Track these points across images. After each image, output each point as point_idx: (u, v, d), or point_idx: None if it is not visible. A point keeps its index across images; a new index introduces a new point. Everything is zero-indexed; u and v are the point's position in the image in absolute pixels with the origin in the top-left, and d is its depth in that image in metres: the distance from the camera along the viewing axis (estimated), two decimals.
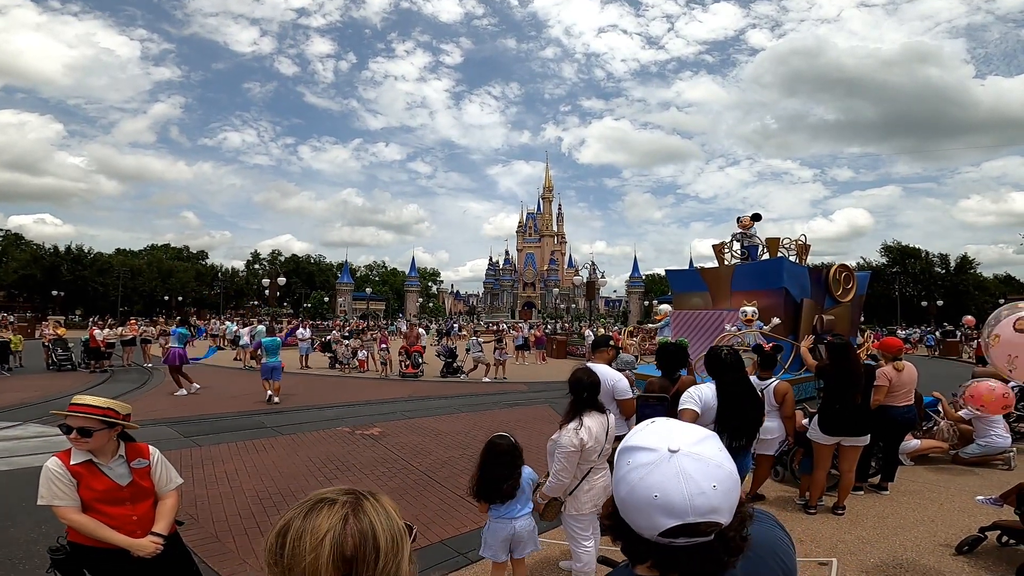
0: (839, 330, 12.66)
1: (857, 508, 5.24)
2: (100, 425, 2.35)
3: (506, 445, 3.24)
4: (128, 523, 2.40)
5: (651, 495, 0.87)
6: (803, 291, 12.14)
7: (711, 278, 13.36)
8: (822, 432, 5.02)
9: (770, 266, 12.65)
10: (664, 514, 0.86)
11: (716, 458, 0.90)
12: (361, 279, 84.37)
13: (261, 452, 7.42)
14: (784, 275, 12.01)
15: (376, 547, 0.83)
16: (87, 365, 16.80)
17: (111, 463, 2.42)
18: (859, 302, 14.12)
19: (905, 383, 5.74)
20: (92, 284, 59.77)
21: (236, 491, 5.72)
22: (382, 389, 14.23)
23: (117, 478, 2.41)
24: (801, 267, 13.19)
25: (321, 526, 0.82)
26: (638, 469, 0.90)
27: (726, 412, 3.78)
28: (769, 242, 13.67)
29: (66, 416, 2.36)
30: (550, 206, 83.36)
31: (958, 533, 4.49)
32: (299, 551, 0.80)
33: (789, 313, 11.96)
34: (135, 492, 2.45)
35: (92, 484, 2.35)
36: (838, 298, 13.07)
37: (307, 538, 0.81)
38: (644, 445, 0.92)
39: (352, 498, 0.88)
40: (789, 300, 11.87)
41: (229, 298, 75.04)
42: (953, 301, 53.86)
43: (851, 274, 13.48)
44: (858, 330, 14.39)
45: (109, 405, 2.41)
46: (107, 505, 2.37)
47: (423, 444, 8.02)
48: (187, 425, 8.96)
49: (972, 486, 5.91)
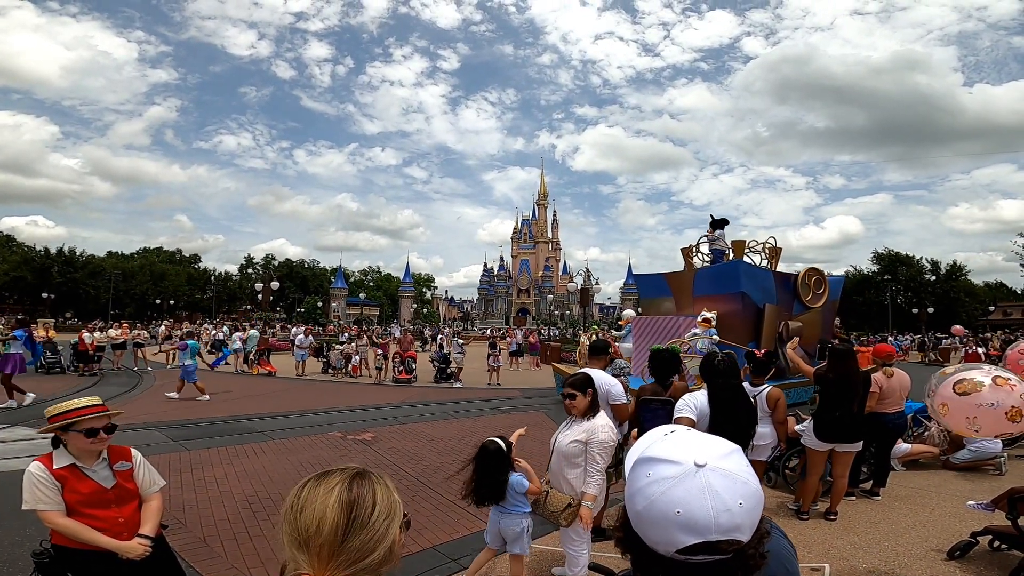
0: (809, 336, 12.16)
1: (849, 514, 5.24)
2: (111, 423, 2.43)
3: (494, 449, 3.24)
4: (115, 525, 2.38)
5: (673, 511, 0.81)
6: (767, 295, 11.69)
7: (675, 283, 12.96)
8: (817, 438, 5.03)
9: (728, 270, 12.13)
10: (685, 531, 0.81)
11: (743, 474, 0.85)
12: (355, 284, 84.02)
13: (251, 456, 7.34)
14: (742, 279, 11.52)
15: (373, 503, 1.01)
16: (76, 368, 16.63)
17: (95, 466, 2.40)
18: (832, 307, 13.64)
19: (896, 390, 5.78)
20: (83, 287, 59.28)
21: (225, 496, 5.66)
22: (375, 394, 14.15)
23: (102, 480, 2.40)
24: (765, 271, 12.73)
25: (332, 481, 1.02)
26: (660, 482, 0.84)
27: (719, 418, 3.78)
28: (735, 245, 13.25)
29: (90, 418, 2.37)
30: (545, 212, 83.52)
31: (950, 538, 4.49)
32: (312, 496, 1.00)
33: (750, 318, 11.46)
34: (120, 494, 2.44)
35: (77, 487, 2.33)
36: (808, 303, 12.62)
37: (321, 487, 1.01)
38: (667, 457, 0.86)
39: (359, 469, 1.08)
40: (749, 305, 11.40)
41: (222, 302, 74.59)
42: (944, 308, 54.32)
43: (822, 278, 13.06)
44: (832, 336, 13.91)
45: (101, 403, 2.44)
46: (93, 508, 2.35)
47: (416, 449, 7.97)
48: (176, 429, 8.86)
49: (963, 491, 5.94)
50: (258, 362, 18.14)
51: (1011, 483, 5.05)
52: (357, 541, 0.97)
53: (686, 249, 13.93)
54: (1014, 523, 4.00)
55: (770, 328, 11.43)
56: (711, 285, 11.98)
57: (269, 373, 17.69)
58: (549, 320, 64.79)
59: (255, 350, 18.35)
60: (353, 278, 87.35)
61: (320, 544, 0.95)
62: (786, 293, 12.38)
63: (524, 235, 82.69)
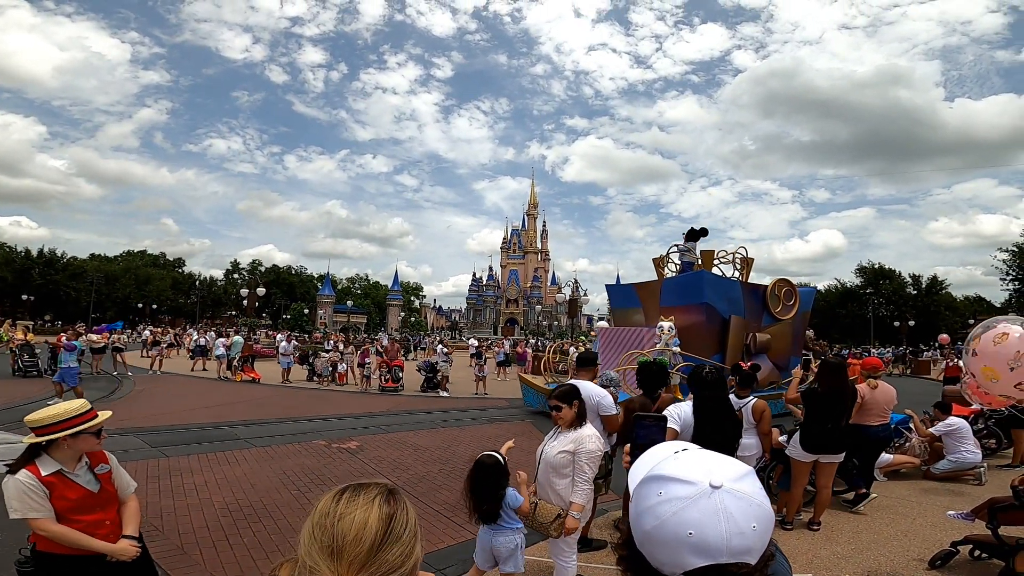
0: (778, 349, 11.99)
1: (832, 524, 5.28)
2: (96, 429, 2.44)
3: (491, 463, 3.18)
4: (102, 529, 2.41)
5: (685, 532, 0.79)
6: (733, 307, 11.49)
7: (644, 294, 12.78)
8: (803, 449, 5.07)
9: (692, 280, 11.95)
10: (696, 553, 0.78)
11: (757, 496, 0.83)
12: (343, 292, 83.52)
13: (232, 464, 7.21)
14: (705, 290, 11.31)
15: (407, 518, 1.01)
16: (53, 372, 16.27)
17: (77, 471, 2.41)
18: (803, 319, 13.38)
19: (879, 402, 5.87)
20: (64, 289, 58.18)
21: (204, 503, 5.54)
22: (361, 403, 14.00)
23: (87, 485, 2.42)
24: (731, 281, 12.49)
25: (371, 492, 1.01)
26: (672, 502, 0.81)
27: (705, 428, 3.78)
28: (704, 255, 13.03)
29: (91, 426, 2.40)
30: (535, 223, 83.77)
31: (931, 547, 4.54)
32: (353, 504, 0.98)
33: (715, 330, 11.23)
34: (106, 499, 2.46)
35: (65, 494, 2.33)
36: (777, 315, 12.36)
37: (361, 498, 0.99)
38: (681, 477, 0.84)
39: (389, 485, 1.06)
40: (714, 316, 11.20)
41: (206, 307, 73.60)
42: (925, 321, 55.25)
43: (792, 290, 12.87)
44: (802, 349, 13.63)
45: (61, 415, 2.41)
46: (81, 513, 2.36)
47: (401, 458, 7.89)
48: (155, 435, 8.68)
49: (944, 501, 6.01)
50: (242, 368, 17.89)
51: (991, 493, 5.11)
52: (390, 555, 0.96)
53: (658, 259, 13.70)
54: (994, 532, 4.06)
55: (735, 340, 11.25)
56: (676, 296, 11.81)
57: (253, 380, 17.44)
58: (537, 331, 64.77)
59: (239, 356, 18.11)
60: (341, 285, 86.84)
61: (356, 553, 0.94)
62: (755, 304, 12.15)
63: (514, 245, 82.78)
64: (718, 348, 10.99)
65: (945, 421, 7.12)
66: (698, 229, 13.09)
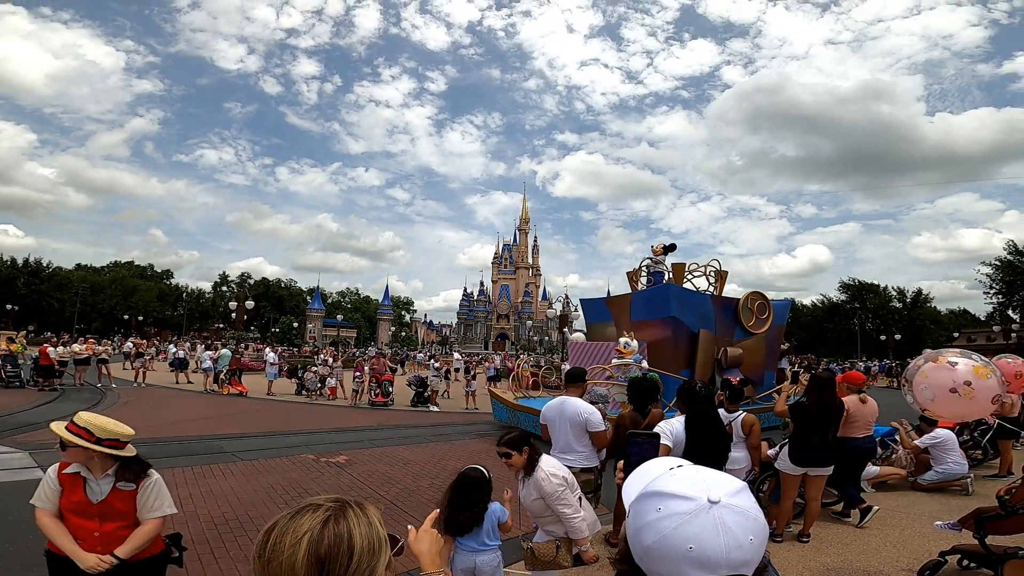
0: (751, 363, 11.62)
1: (822, 535, 5.29)
2: (73, 442, 2.44)
3: (476, 476, 3.11)
4: (89, 537, 2.45)
5: (685, 546, 0.82)
6: (703, 321, 11.25)
7: (615, 308, 12.56)
8: (792, 463, 5.11)
9: (658, 294, 11.75)
10: (696, 567, 0.82)
11: (753, 510, 0.87)
12: (333, 305, 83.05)
13: (219, 477, 7.10)
14: (672, 303, 11.07)
15: (350, 550, 0.90)
16: (36, 383, 15.99)
17: (100, 480, 2.49)
18: (777, 333, 13.08)
19: (866, 415, 5.95)
20: (48, 299, 57.27)
21: (190, 516, 5.43)
22: (350, 417, 13.87)
23: (93, 494, 2.48)
24: (701, 295, 12.29)
25: (302, 526, 0.90)
26: (672, 517, 0.85)
27: (697, 443, 3.79)
28: (675, 268, 12.78)
29: None
30: (526, 238, 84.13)
31: (920, 558, 4.56)
32: (279, 547, 0.89)
33: (683, 344, 10.95)
34: (105, 510, 2.48)
35: (70, 495, 2.46)
36: (750, 328, 12.09)
37: (288, 536, 0.89)
38: (679, 493, 0.87)
39: (337, 505, 0.96)
40: (682, 330, 10.96)
41: (193, 320, 72.72)
42: (911, 335, 55.93)
43: (766, 303, 12.60)
44: (777, 363, 13.31)
45: (86, 425, 2.45)
46: (75, 517, 2.45)
47: (391, 473, 7.81)
48: (140, 447, 8.44)
49: (931, 512, 6.05)
50: (229, 381, 17.68)
51: (977, 503, 5.16)
52: None
53: (631, 272, 13.46)
54: (981, 542, 4.09)
55: (705, 354, 10.95)
56: (644, 310, 11.58)
57: (240, 393, 17.23)
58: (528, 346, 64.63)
59: (227, 369, 17.91)
60: (331, 299, 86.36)
61: None
62: (727, 318, 11.89)
63: (505, 260, 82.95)
64: (687, 363, 10.68)
65: (931, 433, 7.20)
66: (667, 244, 12.88)
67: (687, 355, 10.88)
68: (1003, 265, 50.70)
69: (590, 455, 4.48)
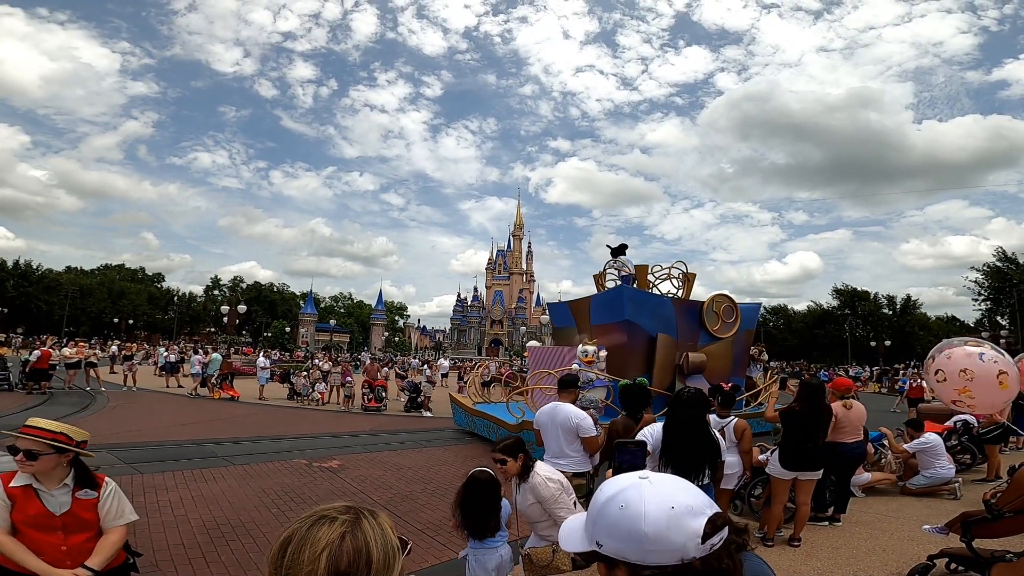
0: (716, 369, 10.83)
1: (812, 539, 5.33)
2: (48, 449, 2.30)
3: (484, 478, 3.22)
4: (56, 552, 2.30)
5: (668, 509, 0.89)
6: (663, 325, 10.84)
7: (577, 312, 12.13)
8: (783, 467, 5.15)
9: (612, 296, 11.34)
10: (689, 516, 0.89)
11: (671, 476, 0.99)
12: (326, 310, 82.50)
13: (209, 482, 7.04)
14: (626, 306, 10.62)
15: (368, 563, 0.90)
16: (24, 386, 15.80)
17: (54, 490, 2.35)
18: (746, 338, 12.50)
19: (853, 420, 6.02)
20: (37, 302, 56.61)
21: (180, 521, 5.40)
22: (343, 422, 13.81)
23: (53, 506, 2.33)
24: (661, 297, 11.82)
25: (320, 540, 0.89)
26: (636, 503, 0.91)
27: (667, 443, 3.71)
28: (637, 270, 12.27)
29: (16, 437, 2.31)
30: (520, 243, 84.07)
31: (909, 561, 4.61)
32: (298, 562, 0.87)
33: (639, 349, 10.53)
34: (69, 522, 2.35)
35: (25, 508, 2.29)
36: (715, 333, 11.60)
37: (307, 550, 0.88)
38: (617, 488, 0.96)
39: (352, 516, 0.95)
40: (639, 334, 10.54)
41: (184, 324, 72.09)
42: (900, 341, 56.39)
43: (733, 306, 12.08)
44: (747, 370, 12.69)
45: (62, 430, 2.35)
46: (35, 531, 2.29)
47: (384, 478, 7.79)
48: (129, 451, 8.43)
49: (920, 516, 6.11)
50: (220, 386, 17.54)
51: (965, 507, 5.23)
52: None
53: (598, 275, 13.02)
54: (968, 545, 4.14)
55: (663, 359, 10.52)
56: (602, 313, 11.19)
57: (232, 398, 17.10)
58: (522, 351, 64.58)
59: (218, 373, 17.77)
60: (324, 304, 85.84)
61: None
62: (690, 322, 11.39)
63: (499, 266, 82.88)
64: (645, 368, 10.24)
65: (919, 438, 7.27)
66: (617, 245, 12.51)
67: (645, 360, 10.47)
68: (991, 271, 51.33)
69: (582, 460, 4.51)
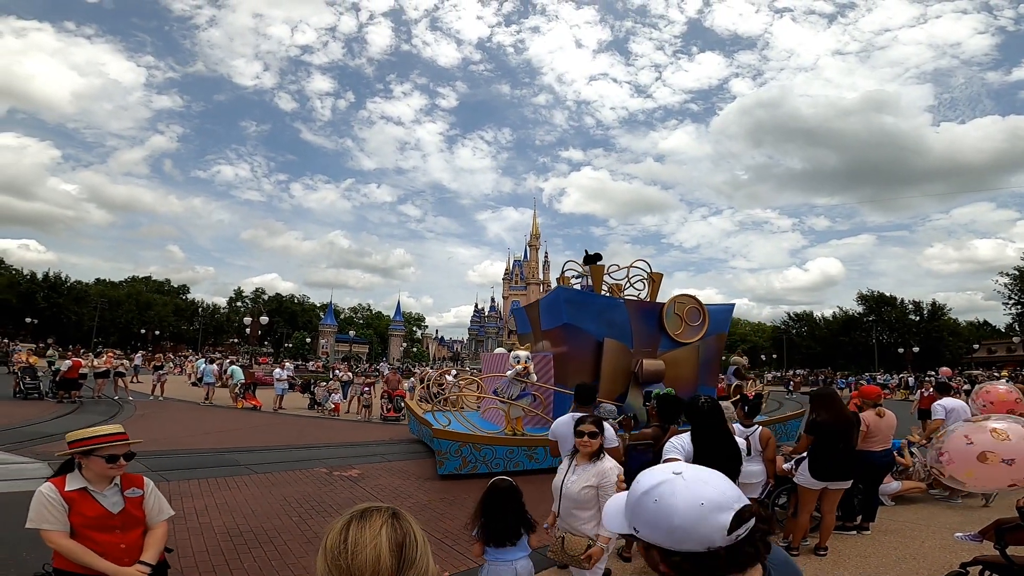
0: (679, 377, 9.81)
1: (840, 548, 5.22)
2: (130, 451, 2.52)
3: (505, 487, 3.23)
4: (116, 551, 2.41)
5: (698, 504, 0.94)
6: (614, 329, 9.94)
7: (531, 316, 11.32)
8: (812, 477, 5.07)
9: (551, 300, 10.47)
10: (717, 511, 0.93)
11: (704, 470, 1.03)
12: (345, 321, 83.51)
13: (233, 489, 7.16)
14: (564, 309, 9.69)
15: (415, 541, 1.08)
16: (55, 395, 16.27)
17: (106, 491, 2.46)
18: (715, 343, 11.16)
19: (883, 429, 5.89)
20: (66, 313, 58.25)
21: (204, 527, 5.50)
22: (362, 431, 13.93)
23: (110, 506, 2.45)
24: (608, 298, 10.82)
25: (376, 522, 1.07)
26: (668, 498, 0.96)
27: (702, 457, 3.75)
28: (593, 271, 11.17)
29: (102, 448, 2.44)
30: (537, 253, 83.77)
31: (939, 570, 4.49)
32: (361, 540, 1.03)
33: (585, 354, 9.65)
34: (126, 520, 2.47)
35: (84, 511, 2.37)
36: (678, 338, 10.42)
37: (367, 531, 1.05)
38: (653, 482, 0.99)
39: (390, 509, 1.14)
40: (582, 339, 9.70)
41: (208, 334, 73.54)
42: (929, 348, 54.82)
43: (699, 308, 10.88)
44: (719, 378, 11.73)
45: (123, 431, 2.52)
46: (96, 532, 2.39)
47: (403, 487, 7.83)
48: (156, 459, 8.61)
49: (951, 523, 5.93)
50: (243, 396, 17.85)
51: (998, 514, 5.05)
52: None
53: (560, 278, 12.36)
54: (1002, 552, 4.01)
55: (611, 366, 9.71)
56: (547, 317, 10.44)
57: (254, 407, 17.38)
58: None
59: (241, 384, 18.10)
60: (343, 315, 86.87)
61: None
62: (649, 326, 10.47)
63: (515, 276, 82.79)
64: (592, 376, 9.37)
65: (940, 401, 7.10)
66: (592, 254, 11.74)
67: (593, 367, 9.65)
68: (1021, 275, 49.78)
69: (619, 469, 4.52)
